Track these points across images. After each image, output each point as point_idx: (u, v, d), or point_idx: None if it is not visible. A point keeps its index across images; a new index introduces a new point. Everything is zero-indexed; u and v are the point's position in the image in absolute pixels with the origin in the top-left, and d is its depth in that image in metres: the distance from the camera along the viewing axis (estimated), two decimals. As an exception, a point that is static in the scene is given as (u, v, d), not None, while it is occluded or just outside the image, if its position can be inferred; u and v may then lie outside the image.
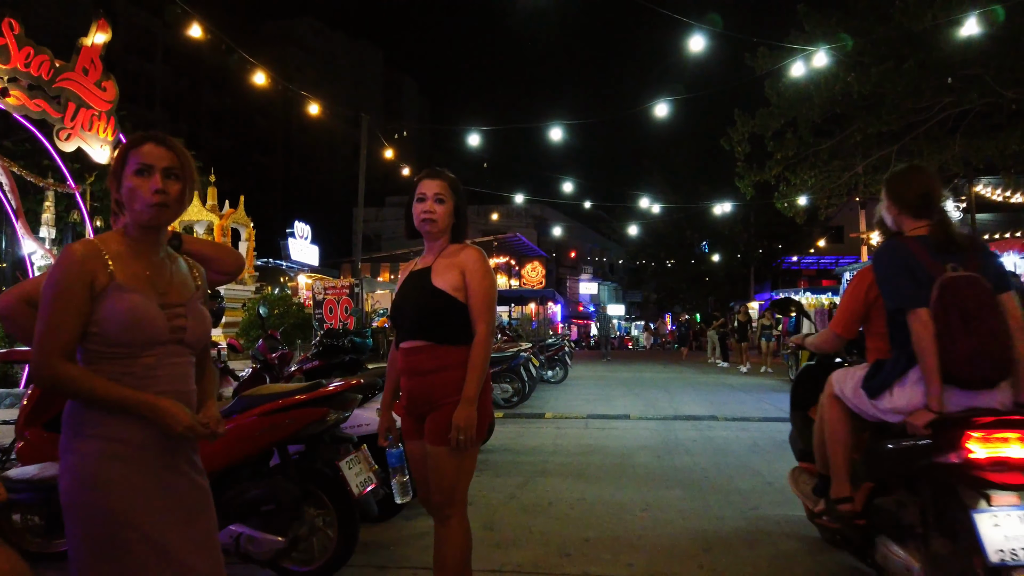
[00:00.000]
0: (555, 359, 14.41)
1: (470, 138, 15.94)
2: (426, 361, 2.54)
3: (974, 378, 2.57)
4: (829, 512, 3.17)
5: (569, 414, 9.27)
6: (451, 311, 2.56)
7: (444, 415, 2.52)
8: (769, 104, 16.07)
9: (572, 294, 53.22)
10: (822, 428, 3.21)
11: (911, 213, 2.84)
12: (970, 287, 2.57)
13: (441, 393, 2.53)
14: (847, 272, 11.25)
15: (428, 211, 2.57)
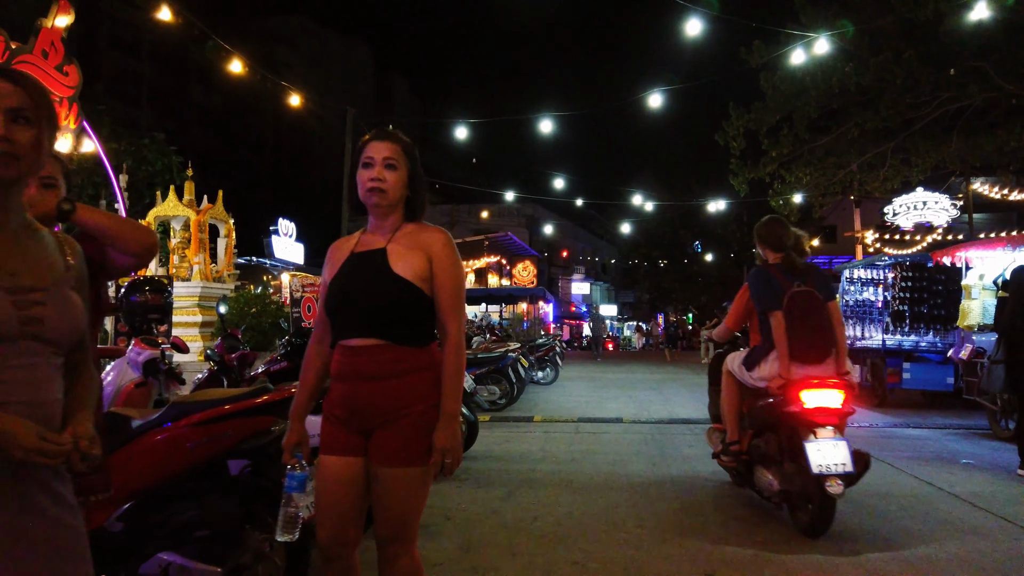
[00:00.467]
0: (546, 360, 13.99)
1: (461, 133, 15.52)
2: (381, 364, 2.09)
3: (809, 357, 3.97)
4: (725, 452, 4.62)
5: (559, 418, 8.85)
6: (415, 304, 2.13)
7: (404, 430, 2.08)
8: (765, 98, 15.70)
9: (564, 294, 52.84)
10: (721, 394, 4.74)
11: (772, 249, 4.27)
12: (807, 297, 3.99)
13: (400, 403, 2.09)
14: (845, 270, 10.87)
15: (376, 179, 2.11)
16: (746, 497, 4.79)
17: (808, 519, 3.89)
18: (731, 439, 4.57)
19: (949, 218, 19.65)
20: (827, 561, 3.55)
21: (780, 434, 4.12)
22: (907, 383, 9.59)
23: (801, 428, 3.87)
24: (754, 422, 4.41)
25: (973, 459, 6.14)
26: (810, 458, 3.74)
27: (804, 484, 3.82)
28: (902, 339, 9.82)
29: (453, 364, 2.13)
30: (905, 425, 8.19)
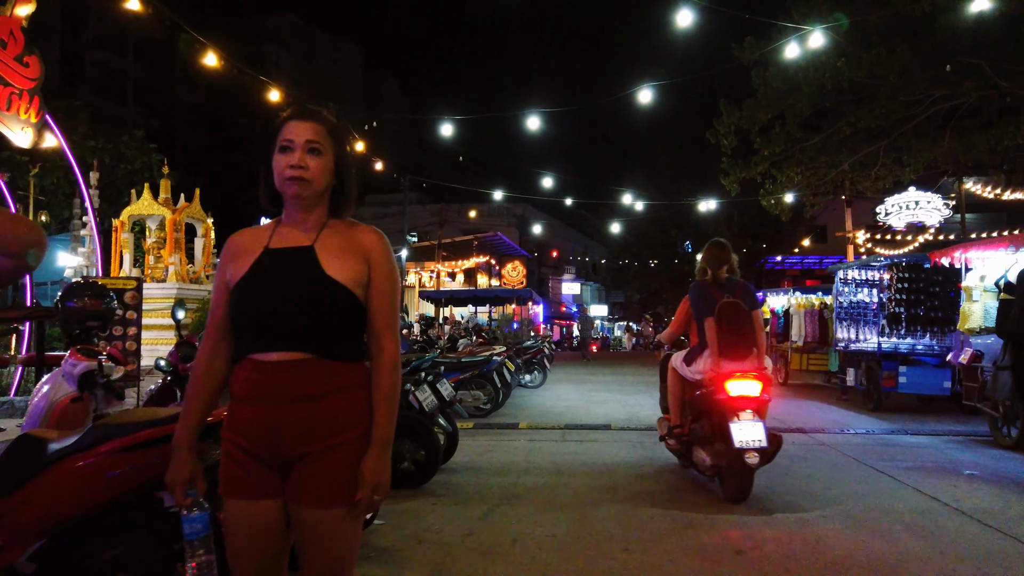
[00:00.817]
0: (533, 363, 13.66)
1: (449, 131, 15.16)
2: (312, 382, 1.75)
3: (734, 354, 4.80)
4: (670, 436, 5.54)
5: (545, 424, 8.52)
6: (351, 313, 1.81)
7: (337, 462, 1.76)
8: (756, 96, 15.43)
9: (554, 294, 52.56)
10: (667, 387, 5.69)
11: (711, 268, 5.13)
12: (734, 307, 4.84)
13: (332, 429, 1.76)
14: (839, 271, 10.62)
15: (297, 166, 1.78)
16: (742, 510, 4.49)
17: (733, 488, 4.77)
18: (674, 424, 5.52)
19: (941, 218, 19.49)
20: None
21: (712, 418, 4.96)
22: (903, 387, 9.32)
23: (727, 412, 4.72)
24: (692, 409, 5.29)
25: (977, 469, 5.86)
26: (733, 436, 4.59)
27: (729, 458, 4.68)
28: (898, 342, 9.55)
29: (390, 384, 1.82)
30: (902, 431, 7.91)
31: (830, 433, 7.84)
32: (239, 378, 1.79)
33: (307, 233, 1.85)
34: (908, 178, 18.41)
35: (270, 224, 1.92)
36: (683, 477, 5.59)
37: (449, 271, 34.98)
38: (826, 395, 11.95)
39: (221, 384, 1.86)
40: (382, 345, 1.83)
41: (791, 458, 6.34)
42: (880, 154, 17.91)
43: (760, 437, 4.58)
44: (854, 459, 6.30)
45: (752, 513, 4.55)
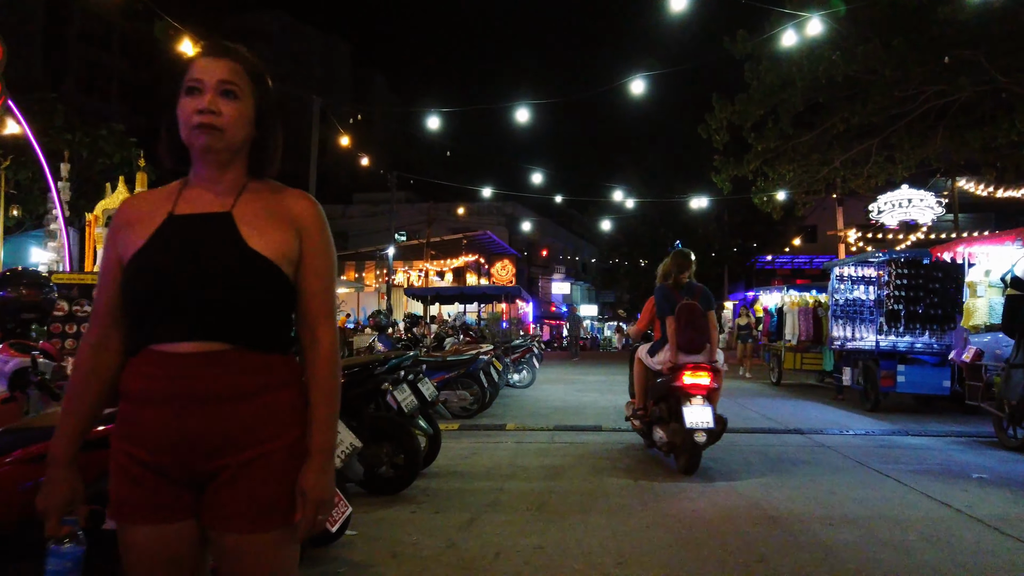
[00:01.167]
0: (522, 362, 13.33)
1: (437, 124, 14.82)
2: (230, 378, 1.42)
3: (690, 349, 5.57)
4: (634, 416, 6.33)
5: (533, 425, 8.20)
6: (278, 294, 1.48)
7: (264, 476, 1.43)
8: (749, 90, 15.18)
9: (544, 294, 52.28)
10: (633, 375, 6.45)
11: (674, 273, 5.91)
12: (691, 308, 5.61)
13: (256, 435, 1.43)
14: (836, 267, 10.37)
15: (207, 110, 1.44)
16: (744, 508, 4.18)
17: (684, 462, 5.48)
18: (638, 407, 6.33)
19: (934, 216, 19.31)
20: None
21: (669, 402, 5.70)
22: (902, 387, 9.06)
23: (681, 397, 5.45)
24: (653, 394, 6.02)
25: (986, 473, 5.58)
26: (685, 417, 5.31)
27: (682, 436, 5.39)
28: (896, 340, 9.30)
29: (328, 382, 1.49)
30: (903, 432, 7.64)
31: (828, 434, 7.55)
32: (136, 374, 1.44)
33: (222, 196, 1.51)
34: (900, 176, 18.26)
35: (174, 186, 1.56)
36: (675, 476, 5.28)
37: (438, 270, 34.64)
38: (821, 395, 11.69)
39: (110, 383, 1.51)
40: (317, 335, 1.50)
41: (791, 461, 6.04)
42: (872, 152, 17.75)
43: (708, 420, 5.35)
44: (856, 461, 6.01)
45: (760, 524, 4.24)
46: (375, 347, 8.77)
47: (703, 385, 5.44)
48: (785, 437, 7.38)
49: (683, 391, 5.45)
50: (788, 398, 11.31)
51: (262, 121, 1.53)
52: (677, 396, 5.50)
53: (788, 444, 6.94)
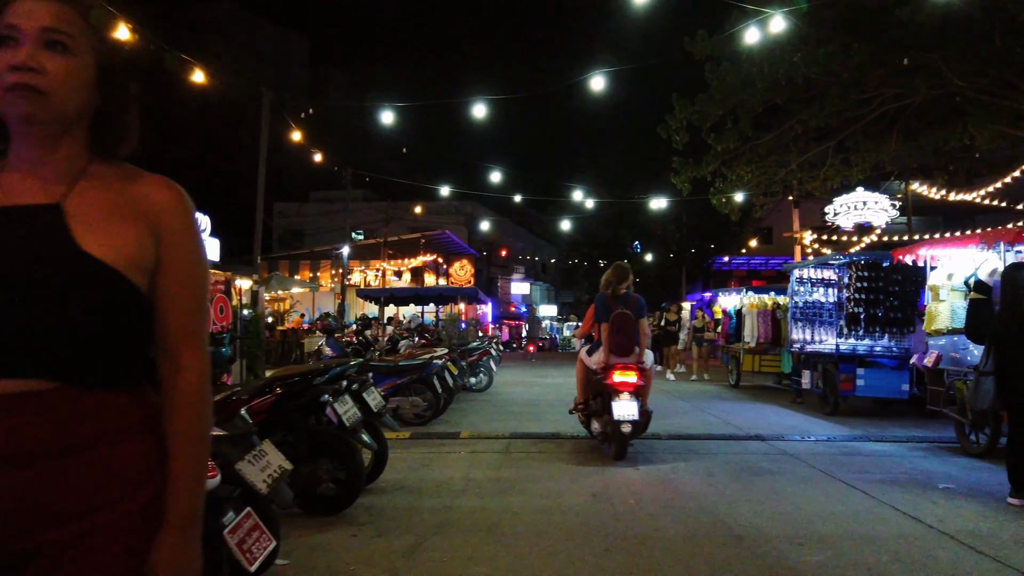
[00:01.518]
0: (479, 365, 13.00)
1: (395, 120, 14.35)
2: (47, 428, 1.05)
3: (620, 351, 6.31)
4: (577, 409, 7.00)
5: (489, 433, 7.86)
6: (124, 310, 1.12)
7: (101, 558, 1.06)
8: (709, 89, 15.09)
9: (504, 294, 52.06)
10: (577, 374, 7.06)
11: (613, 284, 6.54)
12: (624, 316, 6.33)
13: (92, 501, 1.07)
14: (795, 270, 10.29)
15: (25, 66, 1.08)
16: (710, 528, 3.90)
17: (615, 450, 6.22)
18: (579, 401, 7.00)
19: (889, 218, 19.55)
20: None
21: (603, 397, 6.35)
22: (861, 390, 8.97)
23: (612, 393, 6.14)
24: (591, 390, 6.73)
25: (952, 482, 5.42)
26: (614, 411, 6.02)
27: (612, 427, 6.11)
28: (856, 343, 9.21)
29: (193, 428, 1.16)
30: (864, 438, 7.51)
31: (790, 440, 7.38)
32: None
33: (49, 184, 1.14)
34: (855, 179, 18.47)
35: None
36: (639, 494, 5.01)
37: (395, 270, 34.07)
38: (779, 398, 11.61)
39: None
40: (180, 364, 1.16)
41: (754, 471, 5.82)
42: (828, 155, 17.89)
43: (634, 413, 6.04)
44: (821, 471, 5.82)
45: (726, 545, 3.98)
46: (323, 351, 8.34)
47: (630, 383, 6.20)
48: (747, 444, 7.18)
49: (613, 388, 6.20)
50: (747, 401, 11.18)
51: (107, 83, 1.17)
52: (608, 392, 6.24)
53: (751, 452, 6.73)
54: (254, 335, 13.25)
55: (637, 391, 6.18)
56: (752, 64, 13.81)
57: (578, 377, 7.05)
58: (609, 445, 6.39)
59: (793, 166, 18.00)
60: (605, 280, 6.71)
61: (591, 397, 6.73)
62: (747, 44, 13.79)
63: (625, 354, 6.36)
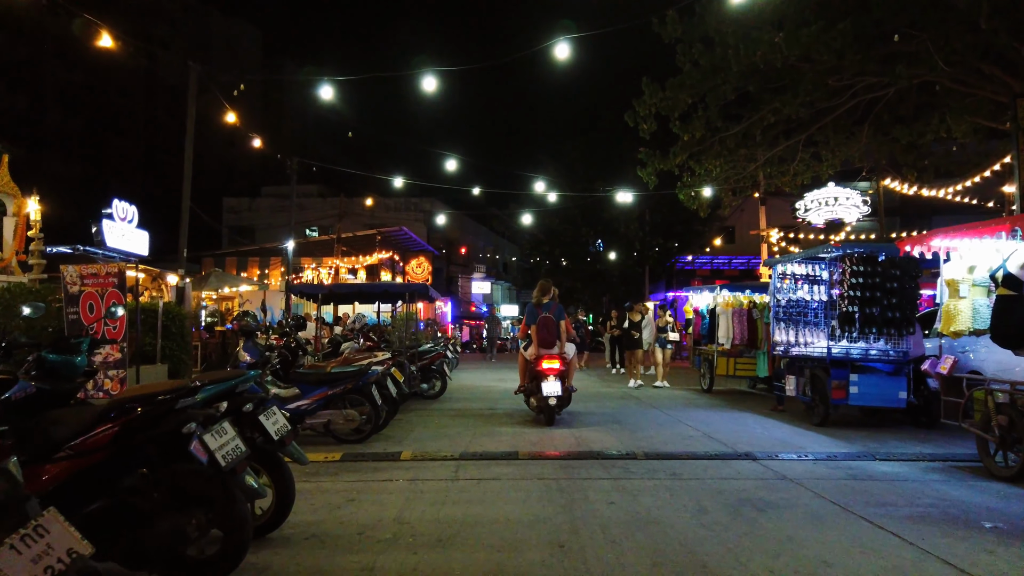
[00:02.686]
0: (432, 369, 11.80)
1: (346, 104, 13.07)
2: None
3: (545, 345, 8.57)
4: (520, 391, 9.08)
5: (435, 453, 6.68)
6: None
7: None
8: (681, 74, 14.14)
9: (464, 293, 50.86)
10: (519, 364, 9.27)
11: (538, 296, 8.86)
12: (548, 319, 8.65)
13: None
14: (779, 264, 9.35)
15: None
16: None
17: (544, 419, 8.38)
18: (521, 384, 9.02)
19: (860, 215, 18.87)
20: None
21: (535, 380, 8.50)
22: (854, 399, 8.03)
23: (541, 376, 8.34)
24: (528, 375, 8.78)
25: (996, 519, 4.43)
26: (543, 389, 8.28)
27: (542, 402, 8.34)
28: (849, 346, 8.26)
29: None
30: (868, 456, 6.53)
31: (786, 460, 6.36)
32: None
33: None
34: (826, 174, 17.85)
35: None
36: (623, 546, 3.91)
37: (350, 267, 32.56)
38: (757, 405, 10.66)
39: None
40: None
41: (755, 504, 4.75)
42: (799, 149, 17.24)
43: (558, 391, 8.27)
44: (836, 505, 4.79)
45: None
46: (240, 357, 7.07)
47: (555, 368, 8.40)
48: (738, 465, 6.14)
49: (542, 372, 8.43)
50: (724, 409, 10.20)
51: None
52: (539, 376, 8.48)
53: (745, 476, 5.68)
54: (178, 337, 11.84)
55: (560, 375, 8.43)
56: (727, 47, 12.89)
57: (519, 366, 9.24)
58: (540, 414, 8.59)
59: (762, 160, 17.28)
60: (535, 294, 8.99)
61: (528, 380, 8.89)
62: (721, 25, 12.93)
63: (549, 347, 8.61)
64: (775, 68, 13.61)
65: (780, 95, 14.33)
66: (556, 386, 8.26)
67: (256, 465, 3.97)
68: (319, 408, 7.13)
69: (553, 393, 8.23)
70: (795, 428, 8.29)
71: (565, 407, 8.66)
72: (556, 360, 8.38)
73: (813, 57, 12.44)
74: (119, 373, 7.11)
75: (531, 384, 8.70)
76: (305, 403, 7.08)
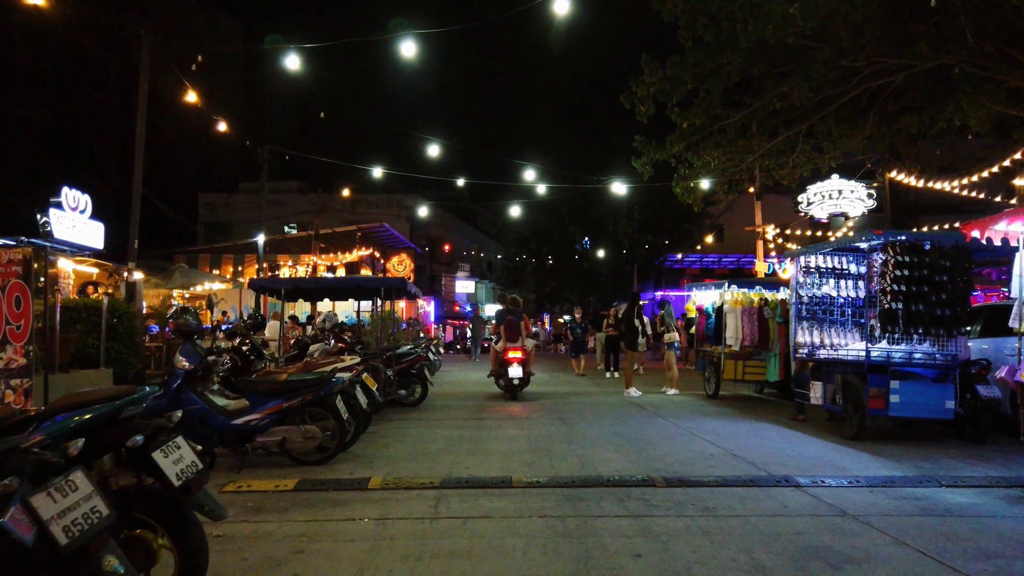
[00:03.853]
0: (412, 373, 10.64)
1: (296, 64, 11.75)
2: None
3: (511, 340, 11.47)
4: (492, 374, 11.89)
5: (412, 478, 5.53)
6: None
7: None
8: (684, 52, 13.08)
9: (448, 292, 49.67)
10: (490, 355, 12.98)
11: (503, 303, 12.25)
12: (511, 321, 11.65)
13: None
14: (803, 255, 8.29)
15: None
16: None
17: (510, 395, 11.16)
18: (493, 370, 11.74)
19: (865, 209, 17.95)
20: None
21: (504, 366, 11.23)
22: (895, 409, 6.99)
23: (507, 363, 11.11)
24: (498, 363, 11.45)
25: None
26: (509, 372, 11.10)
27: (508, 383, 11.15)
28: (889, 348, 7.21)
29: None
30: (930, 481, 5.46)
31: (835, 486, 5.28)
32: None
33: None
34: (827, 166, 16.91)
35: None
36: None
37: (328, 264, 31.28)
38: (772, 413, 9.61)
39: None
40: None
41: (824, 559, 3.63)
42: (799, 140, 16.30)
43: (519, 374, 11.12)
44: (922, 554, 3.71)
45: None
46: (177, 364, 5.88)
47: (518, 357, 11.14)
48: (780, 495, 5.04)
49: (507, 360, 11.18)
50: (738, 419, 9.13)
51: None
52: (505, 363, 11.21)
53: (794, 513, 4.59)
54: (125, 337, 10.60)
55: (522, 362, 11.19)
56: (734, 21, 11.84)
57: (491, 356, 12.15)
58: (508, 394, 11.28)
59: (761, 152, 16.32)
60: (502, 303, 12.14)
61: (498, 367, 11.47)
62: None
63: (514, 341, 11.32)
64: (785, 47, 12.61)
65: (787, 79, 13.36)
66: (519, 370, 11.13)
67: (150, 521, 2.81)
68: (273, 423, 5.96)
69: (516, 376, 11.13)
70: (827, 443, 7.22)
71: (525, 387, 11.45)
72: (519, 351, 11.24)
73: (828, 33, 11.44)
74: (23, 383, 5.90)
75: (500, 369, 11.39)
76: (255, 417, 5.90)
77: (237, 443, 5.98)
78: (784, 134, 15.86)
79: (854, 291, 8.21)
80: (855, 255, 8.33)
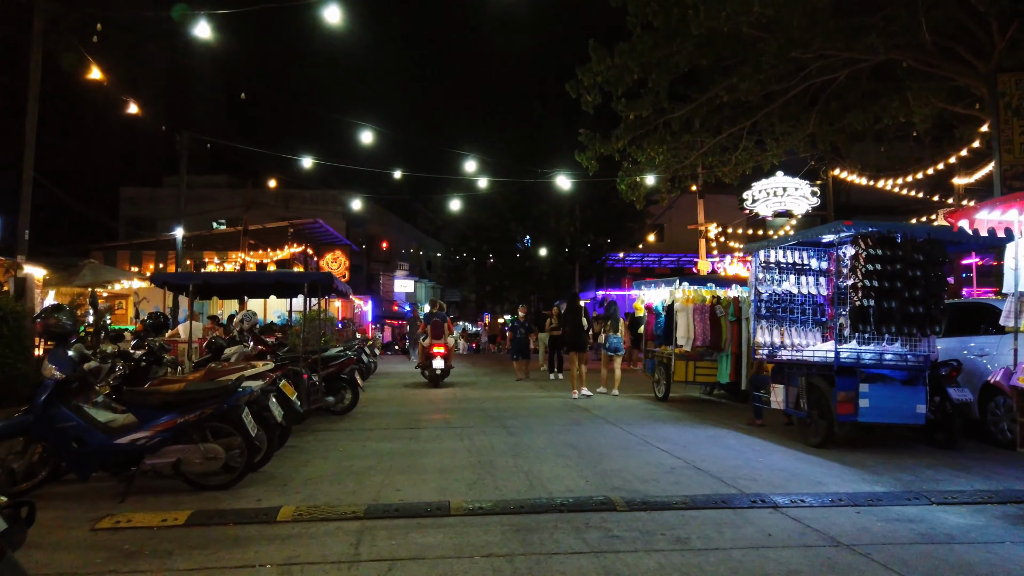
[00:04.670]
0: (340, 378, 9.71)
1: (210, 33, 10.60)
2: None
3: (437, 337, 13.84)
4: (418, 366, 15.37)
5: (331, 507, 4.68)
6: None
7: None
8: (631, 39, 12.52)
9: (386, 292, 48.35)
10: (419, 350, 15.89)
11: (432, 307, 16.41)
12: (437, 322, 14.03)
13: None
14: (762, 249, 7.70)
15: None
16: None
17: (433, 384, 13.65)
18: (420, 362, 14.74)
19: (809, 207, 17.83)
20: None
21: (429, 360, 13.70)
22: (865, 414, 6.49)
23: (431, 357, 13.67)
24: (424, 356, 14.08)
25: None
26: (433, 364, 13.58)
27: (432, 372, 13.69)
28: (859, 348, 6.71)
29: None
30: (918, 498, 4.92)
31: (816, 506, 4.67)
32: None
33: None
34: (768, 163, 16.76)
35: None
36: None
37: (258, 262, 29.78)
38: (727, 417, 9.07)
39: None
40: None
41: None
42: (743, 137, 16.08)
43: (442, 365, 13.57)
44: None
45: None
46: (46, 372, 4.87)
47: (441, 352, 13.53)
48: (758, 519, 4.39)
49: (432, 354, 13.53)
50: (693, 424, 8.55)
51: None
52: (431, 356, 13.59)
53: (779, 543, 3.94)
54: (12, 340, 9.35)
55: (444, 357, 13.59)
56: (685, 7, 11.32)
57: (419, 351, 15.07)
58: (431, 382, 13.66)
59: (704, 148, 16.02)
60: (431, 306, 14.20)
61: (424, 359, 14.03)
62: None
63: (439, 338, 13.59)
64: (735, 37, 12.19)
65: (736, 71, 13.00)
66: (441, 363, 13.52)
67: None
68: (165, 442, 5.01)
69: (439, 367, 13.52)
70: (792, 451, 6.67)
71: (446, 377, 13.87)
72: (442, 347, 13.53)
73: (782, 21, 11.05)
74: None
75: (426, 361, 13.81)
76: (143, 436, 4.95)
77: (121, 466, 5.02)
78: (728, 130, 15.59)
79: (815, 288, 7.72)
80: (816, 250, 7.85)
